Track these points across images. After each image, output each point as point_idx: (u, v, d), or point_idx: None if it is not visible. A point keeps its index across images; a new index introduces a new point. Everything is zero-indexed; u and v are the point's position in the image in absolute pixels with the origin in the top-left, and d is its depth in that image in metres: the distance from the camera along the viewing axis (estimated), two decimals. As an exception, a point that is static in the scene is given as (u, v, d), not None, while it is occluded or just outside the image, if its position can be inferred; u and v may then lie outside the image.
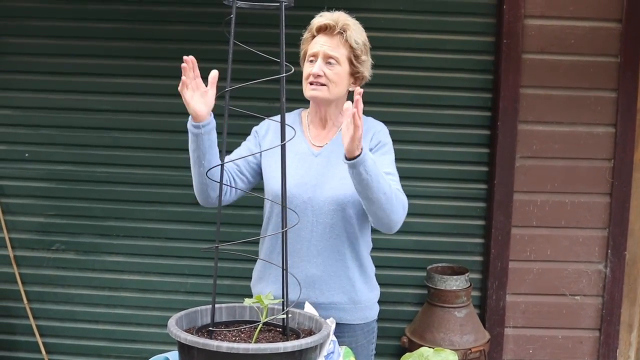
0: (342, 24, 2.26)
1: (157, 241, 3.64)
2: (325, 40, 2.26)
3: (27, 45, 3.57)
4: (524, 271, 3.49)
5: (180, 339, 1.50)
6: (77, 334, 3.70)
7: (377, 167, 2.08)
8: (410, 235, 3.56)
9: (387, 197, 2.11)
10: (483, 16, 3.46)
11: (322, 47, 2.25)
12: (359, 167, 2.02)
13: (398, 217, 2.18)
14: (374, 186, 2.06)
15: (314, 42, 2.29)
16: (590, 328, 3.53)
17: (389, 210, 2.13)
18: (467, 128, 3.53)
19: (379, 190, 2.08)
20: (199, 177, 2.20)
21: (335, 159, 2.29)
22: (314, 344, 1.53)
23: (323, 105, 2.32)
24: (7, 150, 3.63)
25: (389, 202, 2.11)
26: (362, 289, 2.36)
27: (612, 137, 3.42)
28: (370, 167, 2.04)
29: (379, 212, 2.14)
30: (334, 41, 2.26)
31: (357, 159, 2.02)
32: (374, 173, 2.05)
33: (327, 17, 2.28)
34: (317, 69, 2.25)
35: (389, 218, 2.16)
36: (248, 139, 2.45)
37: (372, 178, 2.05)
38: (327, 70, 2.26)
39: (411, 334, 3.36)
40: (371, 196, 2.09)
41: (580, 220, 3.46)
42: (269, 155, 2.35)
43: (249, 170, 2.37)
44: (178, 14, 3.52)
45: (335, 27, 2.26)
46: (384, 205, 2.11)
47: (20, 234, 3.68)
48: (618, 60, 3.38)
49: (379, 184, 2.07)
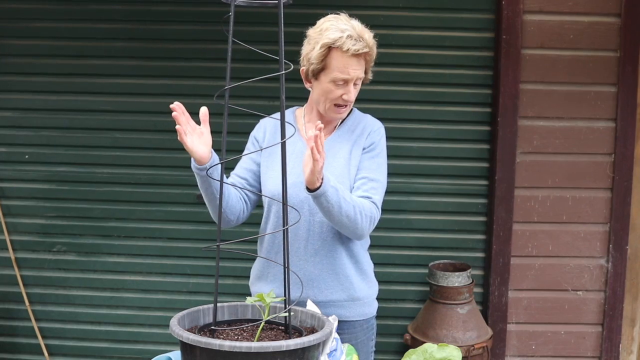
0: (371, 47, 2.23)
1: (159, 241, 3.63)
2: (356, 64, 2.21)
3: (27, 47, 3.57)
4: (525, 267, 3.49)
5: (182, 338, 1.49)
6: (79, 336, 3.70)
7: (339, 193, 2.10)
8: (411, 232, 3.56)
9: (351, 219, 2.15)
10: (482, 12, 3.46)
11: (355, 72, 2.21)
12: (320, 197, 2.06)
13: (362, 231, 2.22)
14: (335, 212, 2.11)
15: (343, 64, 2.19)
16: (593, 323, 3.52)
17: (352, 227, 2.18)
18: (468, 124, 3.52)
19: (341, 215, 2.12)
20: (216, 210, 2.20)
21: (331, 158, 2.29)
22: (317, 342, 1.53)
23: None
24: (7, 152, 3.63)
25: (352, 222, 2.16)
26: (360, 286, 2.35)
27: (612, 131, 3.41)
28: (331, 196, 2.07)
29: (343, 229, 2.21)
30: (361, 63, 2.24)
31: (317, 191, 2.05)
32: (335, 201, 2.09)
33: (361, 42, 2.18)
34: (353, 96, 2.25)
35: (353, 233, 2.22)
36: (247, 147, 2.42)
37: (333, 206, 2.09)
38: (354, 91, 2.26)
39: (414, 331, 3.35)
40: (333, 220, 2.15)
41: (581, 216, 3.46)
42: (266, 155, 2.34)
43: (256, 180, 2.37)
44: (177, 13, 3.51)
45: (369, 54, 2.24)
46: (346, 225, 2.17)
47: (21, 236, 3.67)
48: (618, 54, 3.37)
49: (341, 209, 2.11)
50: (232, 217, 2.27)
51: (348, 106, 2.28)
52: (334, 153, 2.29)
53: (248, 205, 2.34)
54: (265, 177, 2.34)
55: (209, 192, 2.15)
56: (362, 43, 2.19)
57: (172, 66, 3.51)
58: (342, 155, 2.29)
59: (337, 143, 2.32)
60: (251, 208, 2.36)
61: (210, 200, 2.19)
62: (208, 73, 3.47)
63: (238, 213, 2.28)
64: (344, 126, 2.36)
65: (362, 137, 2.32)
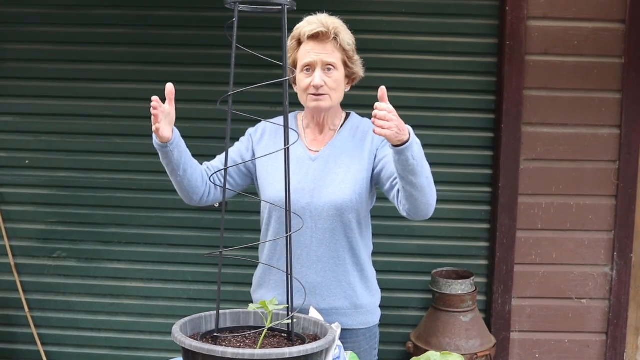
0: (334, 28, 2.20)
1: (159, 248, 3.62)
2: (319, 47, 2.20)
3: (27, 51, 3.56)
4: (529, 275, 3.47)
5: (185, 345, 1.48)
6: (79, 342, 3.68)
7: (421, 149, 2.05)
8: (414, 240, 3.55)
9: (429, 181, 2.08)
10: (486, 18, 3.45)
11: (318, 55, 2.20)
12: (406, 152, 1.99)
13: (435, 200, 2.15)
14: (418, 171, 2.03)
15: (306, 50, 2.22)
16: (597, 332, 3.50)
17: (429, 194, 2.10)
18: (471, 131, 3.51)
19: (423, 175, 2.05)
20: (178, 185, 2.25)
21: (332, 163, 2.27)
22: (320, 349, 1.51)
23: (323, 112, 2.30)
24: (7, 158, 3.62)
25: (430, 185, 2.09)
26: (363, 294, 2.33)
27: (617, 138, 3.40)
28: (417, 151, 2.02)
29: (421, 197, 2.08)
30: (328, 47, 2.21)
31: (406, 144, 1.98)
32: (420, 157, 2.03)
33: (316, 23, 2.20)
34: (319, 80, 2.20)
35: (428, 203, 2.12)
36: (241, 140, 2.42)
37: (417, 162, 2.01)
38: (327, 79, 2.22)
39: (416, 339, 3.33)
40: (415, 183, 2.04)
41: (585, 223, 3.44)
42: (265, 161, 2.32)
43: (237, 172, 2.36)
44: (179, 18, 3.51)
45: (329, 33, 2.20)
46: (426, 190, 2.07)
47: (21, 242, 3.66)
48: (622, 61, 3.36)
49: (424, 168, 2.05)
50: (194, 196, 2.28)
51: (325, 96, 2.23)
52: (335, 159, 2.27)
53: (218, 189, 2.32)
54: (265, 183, 2.32)
55: (170, 167, 2.19)
56: (316, 24, 2.19)
57: (174, 71, 3.50)
58: (343, 161, 2.27)
59: (337, 148, 2.30)
60: (220, 193, 2.34)
61: (171, 174, 2.22)
62: (210, 78, 3.46)
63: (202, 194, 2.29)
64: (343, 130, 2.33)
65: (367, 140, 2.29)
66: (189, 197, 2.29)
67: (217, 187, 2.32)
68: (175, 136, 2.14)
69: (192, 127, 3.23)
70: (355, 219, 2.27)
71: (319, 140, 2.34)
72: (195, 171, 2.24)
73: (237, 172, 2.36)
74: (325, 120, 2.33)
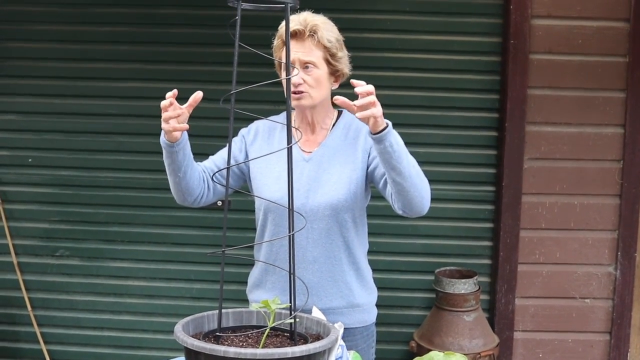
0: (311, 26, 2.19)
1: (163, 246, 3.62)
2: (297, 46, 2.19)
3: (30, 50, 3.56)
4: (533, 274, 3.46)
5: (187, 345, 1.47)
6: (82, 341, 3.68)
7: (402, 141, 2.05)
8: (417, 239, 3.54)
9: (417, 170, 2.07)
10: (490, 17, 3.44)
11: (295, 54, 2.19)
12: (385, 140, 1.98)
13: (428, 194, 2.14)
14: (404, 160, 2.02)
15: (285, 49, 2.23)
16: (601, 331, 3.49)
17: (420, 185, 2.08)
18: (475, 130, 3.50)
19: (409, 164, 2.04)
20: (175, 184, 2.26)
21: (326, 163, 2.26)
22: (322, 349, 1.51)
23: (308, 111, 2.29)
24: (10, 156, 3.62)
25: (419, 176, 2.08)
26: (360, 293, 2.33)
27: (621, 137, 3.39)
28: (396, 139, 2.01)
29: (411, 188, 2.07)
30: (306, 45, 2.20)
31: (384, 131, 1.98)
32: (401, 145, 2.02)
33: (295, 21, 2.18)
34: (296, 78, 2.19)
35: (421, 195, 2.10)
36: (234, 140, 2.40)
37: (401, 150, 2.01)
38: (306, 77, 2.21)
39: (419, 338, 3.33)
40: (403, 172, 2.03)
41: (589, 222, 3.43)
42: (258, 162, 2.31)
43: (230, 174, 2.34)
44: (182, 16, 3.50)
45: (305, 31, 2.19)
46: (415, 179, 2.06)
47: (24, 240, 3.66)
48: (626, 60, 3.35)
49: (408, 156, 2.05)
50: (189, 197, 2.29)
51: (305, 94, 2.21)
52: (328, 159, 2.26)
53: (210, 192, 2.33)
54: (259, 185, 2.30)
55: (171, 167, 2.20)
56: (294, 22, 2.16)
57: (177, 70, 3.50)
58: (336, 160, 2.26)
59: (330, 148, 2.28)
60: (212, 196, 2.34)
61: (171, 174, 2.22)
62: (213, 77, 3.46)
63: (197, 196, 2.29)
64: (336, 130, 2.32)
65: (360, 139, 2.28)
66: (183, 198, 2.30)
67: (210, 190, 2.32)
68: (184, 138, 2.16)
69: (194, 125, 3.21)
70: (350, 218, 2.27)
71: (311, 141, 2.33)
72: (194, 173, 2.24)
73: (230, 173, 2.35)
74: (314, 120, 2.32)
